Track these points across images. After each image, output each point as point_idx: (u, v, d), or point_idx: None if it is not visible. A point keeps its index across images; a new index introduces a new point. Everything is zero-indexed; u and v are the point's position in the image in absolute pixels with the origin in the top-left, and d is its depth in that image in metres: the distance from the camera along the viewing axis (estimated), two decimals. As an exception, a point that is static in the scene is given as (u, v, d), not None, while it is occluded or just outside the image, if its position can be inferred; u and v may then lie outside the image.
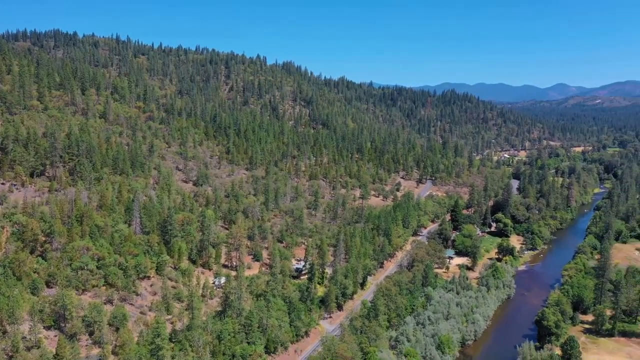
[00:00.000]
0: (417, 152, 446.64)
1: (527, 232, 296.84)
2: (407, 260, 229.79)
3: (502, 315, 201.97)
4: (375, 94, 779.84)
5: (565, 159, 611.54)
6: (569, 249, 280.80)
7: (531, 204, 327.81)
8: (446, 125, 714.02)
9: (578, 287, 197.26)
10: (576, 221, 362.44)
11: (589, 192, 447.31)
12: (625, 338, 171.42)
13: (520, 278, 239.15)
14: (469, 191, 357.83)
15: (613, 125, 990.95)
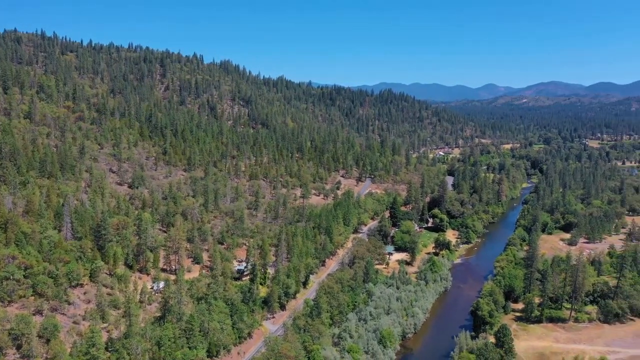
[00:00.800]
0: (356, 150, 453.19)
1: (462, 226, 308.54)
2: (348, 257, 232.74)
3: (440, 307, 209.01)
4: (315, 93, 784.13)
5: (496, 155, 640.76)
6: (501, 241, 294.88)
7: (465, 200, 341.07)
8: (384, 124, 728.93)
9: (509, 278, 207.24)
10: (506, 215, 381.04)
11: (518, 186, 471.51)
12: (552, 324, 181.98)
13: (456, 271, 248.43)
14: (406, 188, 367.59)
15: (538, 124, 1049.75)
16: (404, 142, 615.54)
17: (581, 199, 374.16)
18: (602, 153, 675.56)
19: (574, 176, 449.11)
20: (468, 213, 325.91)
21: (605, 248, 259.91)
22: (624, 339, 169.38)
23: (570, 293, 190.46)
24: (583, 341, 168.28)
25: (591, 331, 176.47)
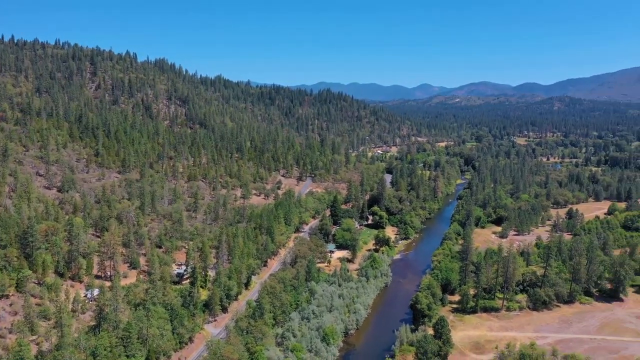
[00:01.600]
0: (296, 150, 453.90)
1: (401, 222, 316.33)
2: (290, 257, 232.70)
3: (381, 302, 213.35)
4: (254, 93, 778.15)
5: (432, 153, 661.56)
6: (438, 236, 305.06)
7: (403, 197, 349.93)
8: (323, 123, 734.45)
9: (446, 271, 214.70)
10: (442, 210, 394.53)
11: (452, 183, 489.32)
12: (486, 313, 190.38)
13: (396, 266, 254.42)
14: (346, 187, 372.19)
15: (470, 122, 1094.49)
16: (343, 141, 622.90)
17: (511, 193, 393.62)
18: (529, 150, 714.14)
19: (504, 172, 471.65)
20: (406, 210, 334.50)
21: (533, 239, 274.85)
22: (551, 325, 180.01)
23: (502, 283, 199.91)
24: (514, 328, 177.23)
25: (522, 318, 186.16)
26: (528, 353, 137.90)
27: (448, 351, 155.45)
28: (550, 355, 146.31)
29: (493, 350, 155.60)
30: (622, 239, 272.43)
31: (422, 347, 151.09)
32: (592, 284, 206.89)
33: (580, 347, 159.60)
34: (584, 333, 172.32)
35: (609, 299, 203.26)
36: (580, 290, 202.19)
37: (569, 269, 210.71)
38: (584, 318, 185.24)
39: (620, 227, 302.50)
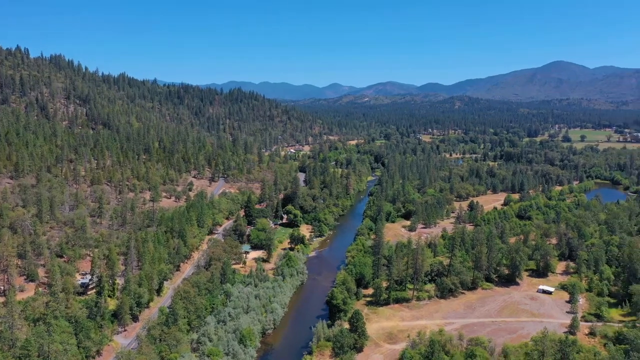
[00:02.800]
0: (207, 150, 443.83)
1: (315, 220, 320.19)
2: (204, 259, 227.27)
3: (298, 300, 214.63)
4: (161, 91, 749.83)
5: (343, 151, 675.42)
6: (351, 232, 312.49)
7: (317, 195, 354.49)
8: (235, 122, 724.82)
9: (360, 266, 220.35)
10: (355, 207, 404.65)
11: (364, 180, 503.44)
12: (398, 304, 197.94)
13: (311, 264, 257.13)
14: (260, 186, 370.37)
15: (379, 121, 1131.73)
16: (256, 140, 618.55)
17: (418, 188, 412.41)
18: (434, 146, 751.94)
19: (411, 168, 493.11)
20: (320, 207, 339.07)
21: (439, 231, 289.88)
22: (457, 311, 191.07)
23: (412, 275, 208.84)
24: (425, 317, 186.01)
25: (431, 307, 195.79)
26: (437, 339, 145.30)
27: (363, 343, 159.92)
28: (457, 339, 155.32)
29: (406, 339, 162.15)
30: (517, 228, 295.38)
31: (339, 341, 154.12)
32: (492, 271, 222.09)
33: (483, 330, 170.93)
34: (487, 317, 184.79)
35: (507, 283, 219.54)
36: (482, 277, 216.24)
37: (472, 257, 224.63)
38: (486, 303, 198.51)
39: (515, 217, 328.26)
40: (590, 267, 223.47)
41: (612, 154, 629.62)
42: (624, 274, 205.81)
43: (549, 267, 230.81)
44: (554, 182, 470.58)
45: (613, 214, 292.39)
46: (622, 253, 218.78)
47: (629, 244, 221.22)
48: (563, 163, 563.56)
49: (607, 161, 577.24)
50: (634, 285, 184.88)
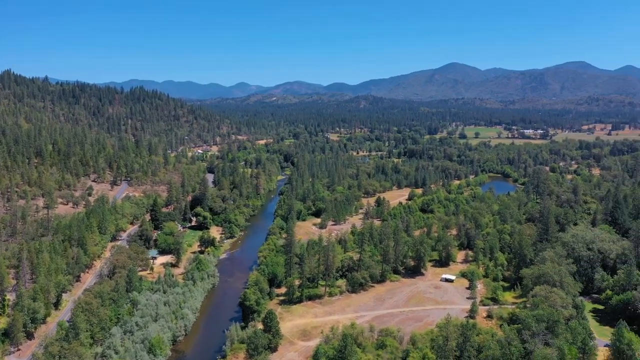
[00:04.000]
0: (108, 152, 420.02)
1: (225, 222, 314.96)
2: (107, 268, 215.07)
3: (210, 304, 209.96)
4: (53, 90, 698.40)
5: (252, 151, 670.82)
6: (262, 232, 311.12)
7: (226, 195, 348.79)
8: (138, 123, 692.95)
9: (272, 265, 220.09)
10: (266, 206, 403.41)
11: (274, 179, 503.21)
12: (311, 301, 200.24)
13: (223, 266, 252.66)
14: (167, 189, 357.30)
15: (287, 120, 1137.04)
16: (160, 141, 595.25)
17: (327, 186, 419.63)
18: (341, 145, 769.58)
19: (320, 166, 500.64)
20: (230, 208, 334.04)
21: (349, 228, 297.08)
22: (368, 304, 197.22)
23: (324, 271, 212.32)
24: (337, 312, 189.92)
25: (342, 302, 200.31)
26: (349, 333, 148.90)
27: (278, 343, 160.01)
28: (369, 331, 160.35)
29: (319, 335, 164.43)
30: (421, 221, 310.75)
31: (253, 342, 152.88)
32: (399, 263, 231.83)
33: (392, 320, 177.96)
34: (395, 307, 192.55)
35: (413, 274, 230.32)
36: (390, 270, 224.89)
37: (380, 251, 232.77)
38: (394, 294, 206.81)
39: (418, 211, 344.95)
40: (486, 255, 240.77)
41: (502, 149, 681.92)
42: (515, 259, 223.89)
43: (450, 256, 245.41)
44: (453, 176, 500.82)
45: (505, 205, 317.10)
46: (513, 240, 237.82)
47: (519, 231, 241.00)
48: (460, 158, 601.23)
49: (498, 156, 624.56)
50: (524, 269, 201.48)
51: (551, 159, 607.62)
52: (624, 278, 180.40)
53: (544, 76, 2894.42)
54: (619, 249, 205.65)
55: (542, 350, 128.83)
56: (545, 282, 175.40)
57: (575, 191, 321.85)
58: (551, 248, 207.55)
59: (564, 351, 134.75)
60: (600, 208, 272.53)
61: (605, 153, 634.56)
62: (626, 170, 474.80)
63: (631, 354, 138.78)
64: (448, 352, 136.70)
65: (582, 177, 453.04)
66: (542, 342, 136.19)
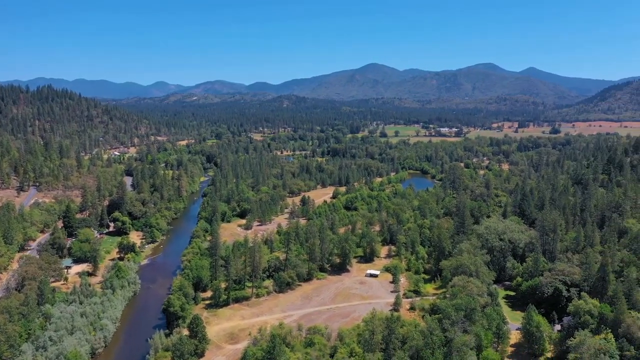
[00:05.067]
0: (13, 156, 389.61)
1: (146, 226, 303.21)
2: (15, 280, 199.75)
3: (131, 313, 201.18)
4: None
5: (173, 152, 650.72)
6: (186, 235, 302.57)
7: (147, 199, 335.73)
8: (46, 124, 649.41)
9: (197, 269, 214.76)
10: (189, 209, 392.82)
11: (197, 181, 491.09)
12: (238, 304, 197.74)
13: (144, 272, 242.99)
14: (81, 193, 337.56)
15: (209, 120, 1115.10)
16: (73, 143, 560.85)
17: (252, 186, 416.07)
18: (265, 145, 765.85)
19: (244, 167, 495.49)
20: (151, 212, 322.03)
21: (275, 227, 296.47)
22: (295, 303, 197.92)
23: (250, 272, 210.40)
24: (264, 313, 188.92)
25: (270, 302, 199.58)
26: (278, 333, 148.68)
27: (205, 348, 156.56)
28: (297, 330, 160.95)
29: (247, 338, 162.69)
30: (345, 218, 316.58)
31: (178, 349, 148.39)
32: (326, 261, 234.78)
33: (320, 318, 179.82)
34: (322, 305, 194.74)
35: (339, 271, 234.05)
36: (316, 268, 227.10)
37: (306, 250, 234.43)
38: (321, 292, 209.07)
39: (343, 208, 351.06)
40: (408, 249, 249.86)
41: (420, 147, 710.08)
42: (435, 252, 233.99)
43: (375, 252, 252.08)
44: (375, 174, 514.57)
45: (424, 200, 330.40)
46: (433, 234, 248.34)
47: (438, 225, 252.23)
48: (382, 156, 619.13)
49: (417, 154, 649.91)
50: (443, 261, 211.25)
51: (465, 155, 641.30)
52: (531, 265, 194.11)
53: (457, 77, 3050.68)
54: (527, 238, 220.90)
55: (461, 338, 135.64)
56: (463, 273, 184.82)
57: (488, 185, 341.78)
58: (467, 240, 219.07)
59: (481, 337, 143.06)
60: (509, 201, 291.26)
61: (513, 149, 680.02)
62: (531, 165, 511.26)
63: (539, 335, 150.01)
64: (374, 346, 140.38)
65: (493, 172, 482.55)
66: (461, 330, 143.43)
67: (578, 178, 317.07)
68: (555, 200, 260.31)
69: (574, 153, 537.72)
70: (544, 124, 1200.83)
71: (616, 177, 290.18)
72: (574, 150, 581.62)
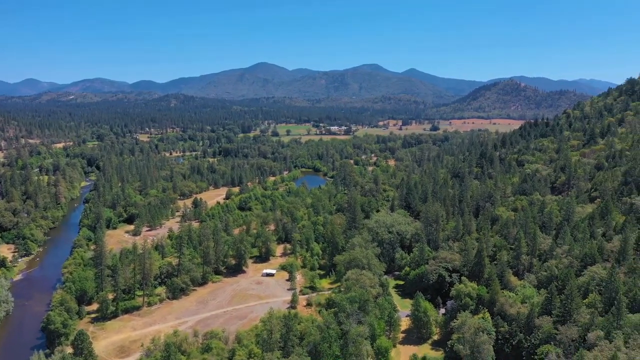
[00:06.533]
0: None
1: (18, 238, 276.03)
2: None
3: (4, 335, 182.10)
4: None
5: (48, 156, 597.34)
6: (66, 245, 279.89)
7: (18, 208, 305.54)
8: None
9: (80, 281, 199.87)
10: (69, 217, 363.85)
11: (77, 186, 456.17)
12: (128, 314, 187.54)
13: (18, 288, 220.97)
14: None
15: (89, 120, 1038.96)
16: None
17: (139, 190, 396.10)
18: (152, 146, 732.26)
19: (131, 170, 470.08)
20: (24, 222, 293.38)
21: (166, 232, 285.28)
22: (190, 309, 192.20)
23: (141, 280, 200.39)
24: (158, 321, 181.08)
25: (163, 310, 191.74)
26: (172, 341, 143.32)
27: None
28: (193, 337, 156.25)
29: (140, 349, 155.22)
30: (240, 219, 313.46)
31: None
32: (221, 263, 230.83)
33: (217, 322, 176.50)
34: (219, 308, 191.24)
35: (235, 272, 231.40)
36: (211, 271, 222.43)
37: (200, 253, 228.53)
38: (217, 295, 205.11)
39: (237, 209, 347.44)
40: (303, 246, 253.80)
41: (312, 145, 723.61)
42: (329, 248, 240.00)
43: (270, 251, 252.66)
44: (268, 173, 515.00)
45: (317, 198, 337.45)
46: (326, 230, 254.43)
47: (330, 221, 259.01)
48: (274, 156, 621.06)
49: (309, 152, 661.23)
50: (337, 256, 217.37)
51: (354, 152, 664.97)
52: (418, 255, 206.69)
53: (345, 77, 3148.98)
54: (413, 229, 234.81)
55: (356, 329, 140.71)
56: (356, 266, 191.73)
57: (376, 181, 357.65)
58: (359, 234, 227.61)
59: (374, 326, 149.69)
60: (396, 195, 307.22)
61: (398, 146, 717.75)
62: (415, 160, 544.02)
63: (427, 320, 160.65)
64: (273, 345, 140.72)
65: (381, 168, 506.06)
66: (356, 321, 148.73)
67: (456, 172, 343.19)
68: (437, 193, 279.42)
69: (451, 148, 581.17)
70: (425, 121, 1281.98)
71: (488, 169, 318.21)
72: (451, 146, 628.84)
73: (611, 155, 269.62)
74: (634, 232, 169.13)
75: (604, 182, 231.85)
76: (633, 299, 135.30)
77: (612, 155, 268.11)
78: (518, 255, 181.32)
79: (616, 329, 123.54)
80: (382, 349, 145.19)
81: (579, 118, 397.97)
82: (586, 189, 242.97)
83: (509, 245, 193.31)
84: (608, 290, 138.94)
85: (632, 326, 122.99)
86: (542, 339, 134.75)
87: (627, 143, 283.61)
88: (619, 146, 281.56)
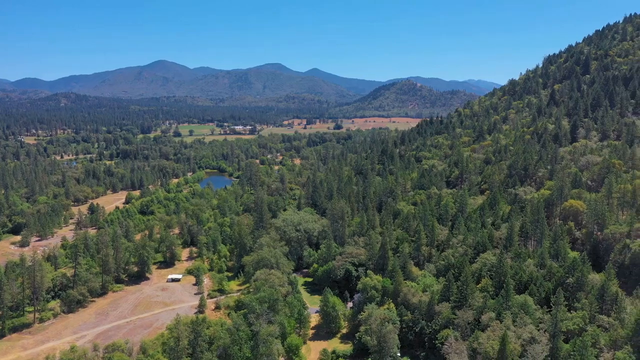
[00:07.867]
0: None
1: None
2: None
3: None
4: None
5: None
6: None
7: None
8: None
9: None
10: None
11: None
12: (17, 333, 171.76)
13: None
14: None
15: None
16: None
17: (26, 197, 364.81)
18: (40, 149, 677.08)
19: (15, 175, 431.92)
20: None
21: (59, 241, 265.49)
22: (89, 321, 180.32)
23: (31, 295, 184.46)
24: (52, 338, 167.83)
25: (58, 325, 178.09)
26: (69, 358, 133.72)
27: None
28: (92, 351, 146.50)
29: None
30: (142, 224, 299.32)
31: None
32: (122, 271, 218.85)
33: (119, 333, 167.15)
34: (121, 319, 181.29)
35: (138, 280, 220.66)
36: (111, 280, 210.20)
37: (99, 262, 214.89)
38: (118, 305, 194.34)
39: (138, 214, 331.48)
40: (210, 249, 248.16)
41: (216, 145, 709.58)
42: (236, 249, 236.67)
43: (175, 256, 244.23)
44: (171, 175, 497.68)
45: (223, 199, 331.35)
46: (234, 231, 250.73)
47: (238, 222, 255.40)
48: (177, 157, 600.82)
49: (213, 152, 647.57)
50: (245, 257, 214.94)
51: (260, 152, 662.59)
52: (325, 251, 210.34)
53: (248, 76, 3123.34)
54: (320, 227, 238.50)
55: (266, 329, 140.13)
56: (264, 266, 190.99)
57: (282, 180, 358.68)
58: (266, 234, 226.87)
59: (285, 325, 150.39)
60: (303, 193, 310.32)
61: (304, 145, 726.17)
62: (320, 158, 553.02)
63: (335, 315, 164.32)
64: (180, 352, 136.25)
65: (287, 167, 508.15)
66: (266, 321, 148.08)
67: (359, 169, 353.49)
68: (342, 190, 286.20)
69: (354, 146, 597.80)
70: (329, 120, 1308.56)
71: (389, 166, 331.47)
72: (354, 144, 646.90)
73: (497, 150, 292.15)
74: (518, 220, 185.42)
75: (492, 175, 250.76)
76: (519, 282, 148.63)
77: (499, 150, 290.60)
78: (418, 246, 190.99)
79: (505, 309, 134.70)
80: (292, 347, 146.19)
81: (469, 116, 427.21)
82: (477, 182, 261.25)
83: (410, 238, 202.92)
84: (497, 274, 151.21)
85: (518, 306, 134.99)
86: (442, 324, 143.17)
87: (510, 139, 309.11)
88: (503, 142, 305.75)
